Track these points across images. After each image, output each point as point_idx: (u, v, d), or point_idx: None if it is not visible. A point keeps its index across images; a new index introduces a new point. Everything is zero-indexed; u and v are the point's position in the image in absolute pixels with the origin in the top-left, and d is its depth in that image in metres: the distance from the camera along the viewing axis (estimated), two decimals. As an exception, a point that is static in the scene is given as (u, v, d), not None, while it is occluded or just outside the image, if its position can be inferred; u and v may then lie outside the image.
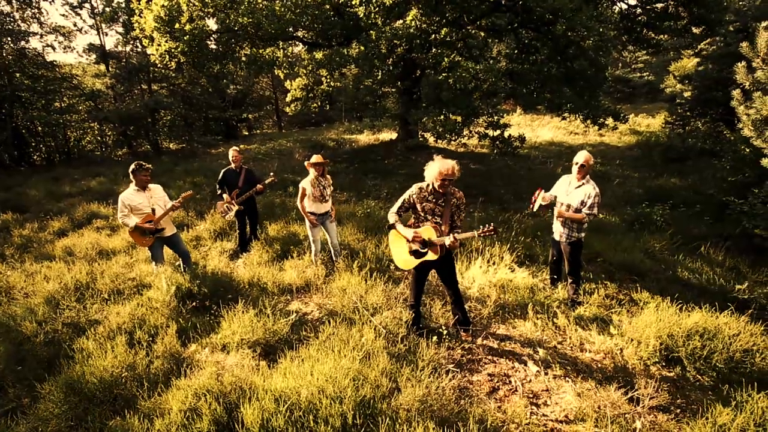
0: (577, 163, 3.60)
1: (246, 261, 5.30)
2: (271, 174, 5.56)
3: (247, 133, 24.84)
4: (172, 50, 10.03)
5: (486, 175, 11.12)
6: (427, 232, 3.10)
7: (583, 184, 3.62)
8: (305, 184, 4.70)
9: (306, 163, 4.66)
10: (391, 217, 3.26)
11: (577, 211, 3.65)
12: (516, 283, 4.33)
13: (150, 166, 4.26)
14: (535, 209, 3.76)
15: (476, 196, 9.16)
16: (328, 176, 4.83)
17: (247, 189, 5.50)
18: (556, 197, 3.85)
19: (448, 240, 2.88)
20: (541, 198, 3.74)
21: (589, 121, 10.35)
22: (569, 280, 3.93)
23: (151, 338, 3.31)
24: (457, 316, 3.48)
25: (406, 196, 3.21)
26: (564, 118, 10.82)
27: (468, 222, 6.21)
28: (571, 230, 3.71)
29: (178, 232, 4.70)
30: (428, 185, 3.16)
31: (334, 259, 4.90)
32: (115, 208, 8.06)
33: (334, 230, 4.91)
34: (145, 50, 17.55)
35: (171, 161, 14.46)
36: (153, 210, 4.37)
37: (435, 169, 3.06)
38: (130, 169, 4.18)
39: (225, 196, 5.52)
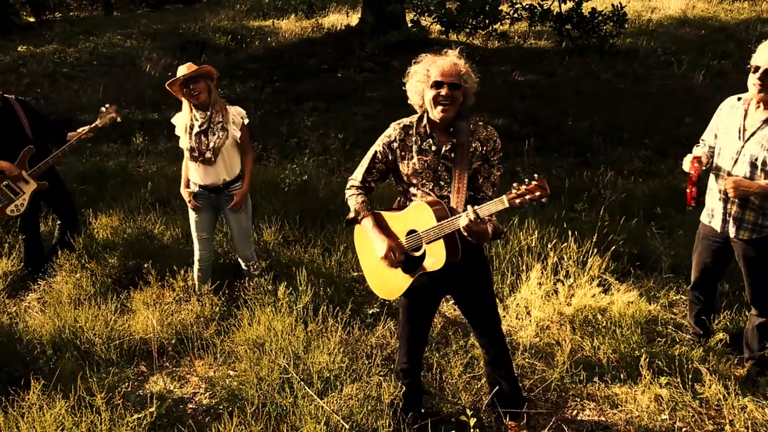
0: (758, 68, 3.55)
1: (46, 295, 5.29)
2: (106, 106, 5.59)
3: (33, 20, 24.44)
4: None
5: (547, 94, 11.15)
6: (417, 213, 3.12)
7: None
8: (177, 124, 4.88)
9: (168, 84, 4.71)
10: (352, 197, 3.35)
11: None
12: (614, 313, 4.37)
13: None
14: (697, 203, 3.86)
15: (524, 137, 9.22)
16: (228, 106, 4.87)
17: (45, 143, 5.54)
18: (713, 151, 3.93)
19: (463, 218, 2.88)
20: (693, 168, 3.80)
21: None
22: (754, 315, 4.02)
23: None
24: (496, 388, 3.53)
25: (377, 146, 3.32)
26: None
27: (503, 189, 6.27)
28: (761, 215, 3.79)
29: None
30: (420, 119, 3.22)
31: (246, 276, 5.17)
32: None
33: (241, 224, 5.06)
34: None
35: None
36: None
37: (421, 75, 3.07)
38: None
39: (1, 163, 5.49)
